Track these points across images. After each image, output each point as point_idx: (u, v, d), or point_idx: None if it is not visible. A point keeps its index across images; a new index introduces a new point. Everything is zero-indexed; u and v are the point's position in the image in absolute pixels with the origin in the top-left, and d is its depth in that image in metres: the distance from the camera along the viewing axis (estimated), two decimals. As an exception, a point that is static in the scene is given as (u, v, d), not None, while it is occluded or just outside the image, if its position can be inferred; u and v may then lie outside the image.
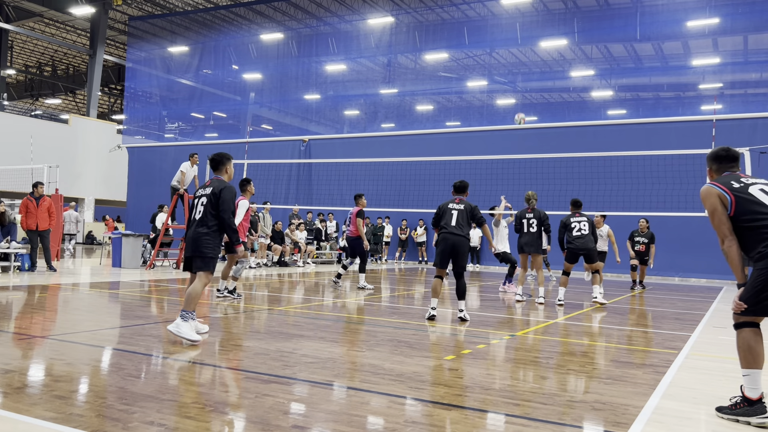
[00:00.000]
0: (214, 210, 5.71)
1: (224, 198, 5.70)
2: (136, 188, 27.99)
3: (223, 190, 5.74)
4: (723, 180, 3.94)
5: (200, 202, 5.80)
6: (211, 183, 5.88)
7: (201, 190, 5.91)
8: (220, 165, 6.05)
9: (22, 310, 7.55)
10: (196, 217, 5.78)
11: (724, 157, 4.11)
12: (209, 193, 5.76)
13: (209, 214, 5.69)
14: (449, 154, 19.78)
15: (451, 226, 7.60)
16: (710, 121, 16.49)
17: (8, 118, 29.01)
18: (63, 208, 22.72)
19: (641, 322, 8.54)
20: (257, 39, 27.96)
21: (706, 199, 3.89)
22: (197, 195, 5.91)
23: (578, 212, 10.08)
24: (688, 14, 20.02)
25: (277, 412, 3.54)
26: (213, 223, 5.71)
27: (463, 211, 7.67)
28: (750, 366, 3.72)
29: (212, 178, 6.04)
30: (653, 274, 17.74)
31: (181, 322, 5.44)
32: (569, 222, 9.97)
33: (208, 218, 5.69)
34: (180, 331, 5.41)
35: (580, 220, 9.93)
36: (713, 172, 4.16)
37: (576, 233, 9.84)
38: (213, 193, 5.73)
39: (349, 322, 7.50)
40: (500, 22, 23.31)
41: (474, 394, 4.13)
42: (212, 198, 5.72)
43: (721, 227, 3.80)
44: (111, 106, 45.63)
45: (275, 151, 24.63)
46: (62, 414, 3.34)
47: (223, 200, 5.70)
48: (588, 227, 9.86)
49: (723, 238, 3.80)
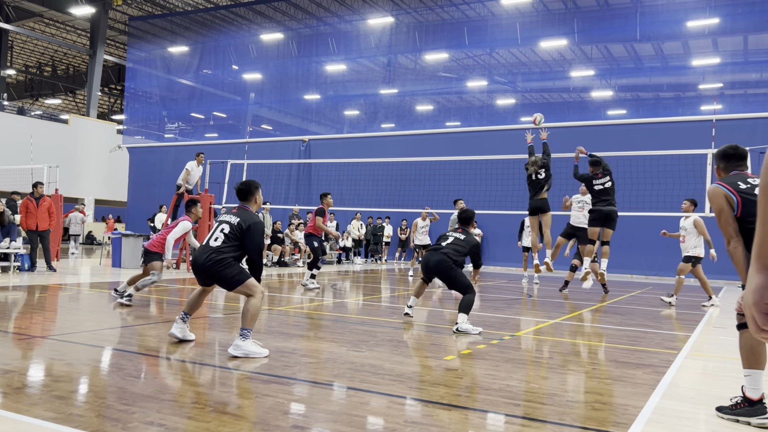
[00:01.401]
0: (236, 242, 5.22)
1: (254, 237, 5.23)
2: (136, 188, 27.99)
3: (252, 225, 5.22)
4: (730, 180, 3.92)
5: (220, 228, 5.27)
6: (238, 212, 5.35)
7: (225, 215, 5.41)
8: (249, 195, 5.51)
9: (22, 310, 7.55)
10: (211, 243, 5.22)
11: (732, 155, 4.09)
12: (235, 223, 5.24)
13: (230, 245, 5.19)
14: (449, 154, 19.78)
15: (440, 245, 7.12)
16: (710, 121, 16.51)
17: (8, 118, 29.02)
18: (70, 210, 22.80)
19: (641, 322, 8.54)
20: (257, 39, 27.96)
21: (712, 199, 3.86)
22: (220, 219, 5.39)
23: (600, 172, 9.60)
24: (688, 14, 20.02)
25: (277, 412, 3.54)
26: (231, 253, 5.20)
27: (463, 242, 7.11)
28: (752, 366, 3.72)
29: (239, 206, 5.47)
30: (653, 274, 17.75)
31: (241, 342, 5.02)
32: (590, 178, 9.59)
33: (225, 248, 5.17)
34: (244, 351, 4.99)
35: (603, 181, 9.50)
36: (721, 170, 4.13)
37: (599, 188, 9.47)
38: (240, 226, 5.21)
39: (349, 322, 7.50)
40: (500, 22, 23.31)
41: (474, 394, 4.13)
42: (237, 231, 5.21)
43: (727, 228, 3.79)
44: (111, 106, 45.64)
45: (275, 151, 24.63)
46: (62, 414, 3.34)
47: (253, 239, 5.23)
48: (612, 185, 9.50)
49: (729, 238, 3.78)
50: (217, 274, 5.16)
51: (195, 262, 5.29)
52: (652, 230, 17.44)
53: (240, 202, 5.52)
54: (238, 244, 5.22)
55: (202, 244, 5.37)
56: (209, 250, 5.19)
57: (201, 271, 5.24)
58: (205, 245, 5.28)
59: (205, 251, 5.22)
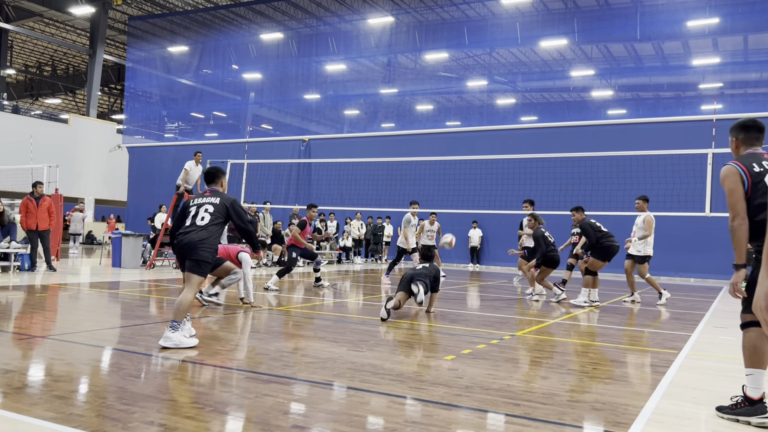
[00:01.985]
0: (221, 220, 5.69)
1: (240, 212, 5.83)
2: (136, 188, 27.99)
3: (233, 202, 5.82)
4: (745, 161, 3.86)
5: (204, 209, 5.70)
6: (213, 193, 5.88)
7: (201, 198, 5.85)
8: (216, 178, 6.08)
9: (21, 310, 7.55)
10: (198, 222, 5.63)
11: (752, 126, 4.02)
12: (218, 202, 5.73)
13: (215, 223, 5.64)
14: (449, 153, 19.78)
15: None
16: (710, 120, 16.50)
17: (8, 118, 29.01)
18: (71, 209, 22.80)
19: (641, 322, 8.54)
20: (257, 39, 27.96)
21: (726, 177, 3.81)
22: (197, 203, 5.80)
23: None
24: (688, 14, 20.02)
25: (277, 412, 3.53)
26: (218, 230, 5.68)
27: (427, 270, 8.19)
28: (754, 365, 3.71)
29: (212, 189, 6.00)
30: (653, 274, 17.75)
31: (171, 334, 5.26)
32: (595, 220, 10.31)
33: (213, 226, 5.63)
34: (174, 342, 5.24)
35: None
36: (740, 142, 4.03)
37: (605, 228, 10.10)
38: (223, 205, 5.72)
39: (349, 322, 7.50)
40: (500, 21, 23.30)
41: (474, 394, 4.13)
42: (222, 209, 5.70)
43: (736, 205, 3.74)
44: (111, 106, 45.63)
45: (275, 150, 24.63)
46: (62, 414, 3.34)
47: (240, 214, 5.82)
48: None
49: (735, 215, 3.74)
50: (196, 251, 5.49)
51: (184, 241, 5.56)
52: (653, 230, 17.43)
53: (209, 185, 6.05)
54: (222, 221, 5.71)
55: (185, 225, 5.68)
56: (196, 228, 5.59)
57: (186, 246, 5.53)
58: (192, 224, 5.63)
59: (193, 229, 5.59)
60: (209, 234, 5.58)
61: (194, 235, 5.55)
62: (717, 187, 11.33)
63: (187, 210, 5.81)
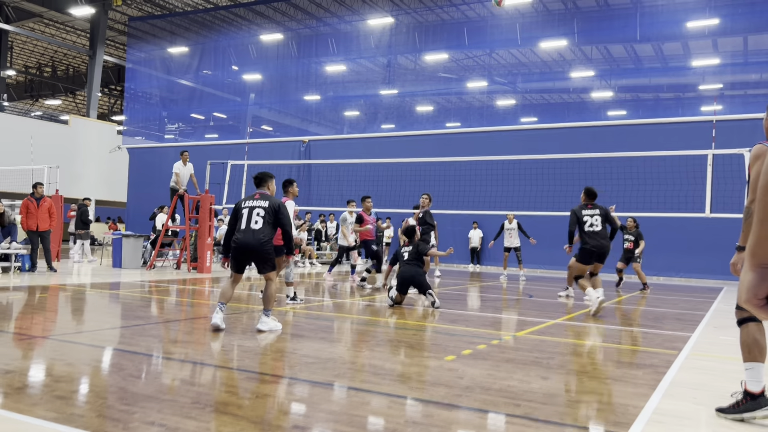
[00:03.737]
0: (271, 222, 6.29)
1: (285, 214, 6.42)
2: (137, 189, 27.98)
3: (281, 205, 6.39)
4: None
5: (255, 212, 6.28)
6: (262, 197, 6.41)
7: (251, 201, 6.38)
8: (263, 182, 6.64)
9: (22, 310, 7.55)
10: (253, 226, 6.23)
11: None
12: (267, 206, 6.31)
13: (268, 224, 6.26)
14: (449, 154, 19.77)
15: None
16: (710, 121, 16.51)
17: (8, 119, 29.02)
18: (69, 210, 22.77)
19: (641, 322, 8.54)
20: (257, 40, 27.96)
21: (758, 157, 3.60)
22: (249, 206, 6.34)
23: (591, 204, 8.85)
24: (688, 15, 20.03)
25: (277, 412, 3.54)
26: (270, 234, 6.28)
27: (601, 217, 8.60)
28: (755, 359, 3.68)
29: (260, 192, 6.52)
30: (653, 274, 17.75)
31: (267, 319, 6.26)
32: (581, 215, 8.72)
33: (267, 228, 6.26)
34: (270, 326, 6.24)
35: (593, 212, 8.68)
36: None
37: (588, 228, 8.63)
38: (272, 208, 6.31)
39: (349, 322, 7.50)
40: (500, 22, 23.32)
41: (474, 394, 4.13)
42: (271, 212, 6.30)
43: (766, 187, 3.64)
44: (111, 107, 45.63)
45: (275, 151, 24.62)
46: (63, 414, 3.35)
47: (285, 216, 6.42)
48: (601, 221, 8.66)
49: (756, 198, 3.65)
50: (263, 254, 6.23)
51: (245, 244, 6.19)
52: (653, 231, 17.44)
53: (258, 188, 6.61)
54: (272, 223, 6.31)
55: (241, 228, 6.27)
56: (255, 232, 6.22)
57: (251, 250, 6.20)
58: (247, 229, 6.24)
59: (252, 233, 6.22)
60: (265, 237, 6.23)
61: (256, 238, 6.18)
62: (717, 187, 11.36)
63: (239, 213, 6.37)
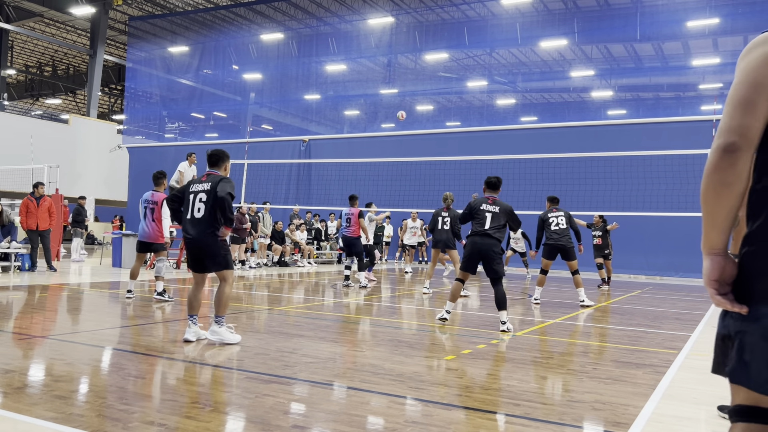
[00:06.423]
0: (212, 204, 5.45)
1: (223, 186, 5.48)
2: (137, 188, 27.94)
3: (220, 180, 5.52)
4: None
5: (198, 198, 5.50)
6: (208, 178, 5.61)
7: (197, 185, 5.60)
8: (219, 161, 5.77)
9: (22, 310, 7.55)
10: (196, 215, 5.46)
11: None
12: (209, 189, 5.48)
13: (210, 211, 5.43)
14: (449, 154, 19.77)
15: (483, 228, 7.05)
16: (710, 121, 16.48)
17: (8, 118, 29.02)
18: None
19: (641, 322, 8.54)
20: (257, 39, 27.96)
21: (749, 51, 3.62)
22: (193, 190, 5.58)
23: (555, 207, 10.01)
24: (688, 14, 20.02)
25: (277, 412, 3.54)
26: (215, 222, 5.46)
27: (499, 214, 7.13)
28: None
29: (208, 172, 5.73)
30: (653, 274, 17.76)
31: (218, 328, 5.46)
32: (547, 217, 9.88)
33: (209, 218, 5.43)
34: (221, 337, 5.45)
35: (558, 214, 9.86)
36: None
37: (554, 227, 9.76)
38: (213, 189, 5.46)
39: (349, 322, 7.50)
40: (500, 22, 23.30)
41: (474, 394, 4.13)
42: (211, 194, 5.45)
43: None
44: (111, 106, 45.63)
45: (275, 151, 24.62)
46: (62, 414, 3.35)
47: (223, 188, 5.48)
48: (565, 221, 9.80)
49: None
50: (208, 249, 5.47)
51: (190, 237, 5.52)
52: (653, 230, 17.44)
53: (210, 168, 5.77)
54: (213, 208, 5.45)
55: (186, 218, 5.56)
56: (197, 223, 5.48)
57: (195, 245, 5.51)
58: (191, 218, 5.51)
59: (195, 224, 5.49)
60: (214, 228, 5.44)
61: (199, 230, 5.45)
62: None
63: (186, 194, 5.61)
